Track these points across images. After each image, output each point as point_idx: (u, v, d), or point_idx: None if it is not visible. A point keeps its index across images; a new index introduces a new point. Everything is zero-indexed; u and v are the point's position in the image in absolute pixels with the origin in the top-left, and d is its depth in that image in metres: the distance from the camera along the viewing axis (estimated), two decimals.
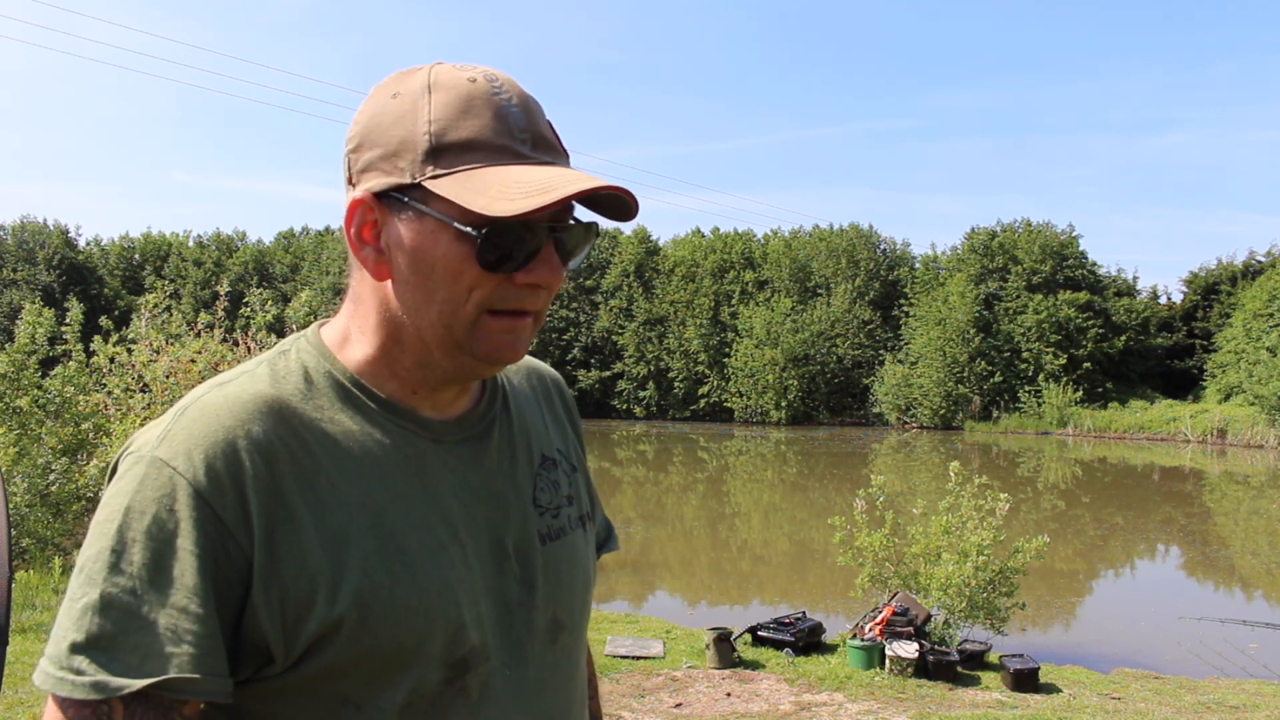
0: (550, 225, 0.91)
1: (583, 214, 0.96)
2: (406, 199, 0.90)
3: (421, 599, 0.90)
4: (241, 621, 0.86)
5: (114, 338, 9.55)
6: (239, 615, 0.85)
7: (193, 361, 9.06)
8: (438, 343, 0.92)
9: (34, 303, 9.81)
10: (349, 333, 0.98)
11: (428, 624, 0.90)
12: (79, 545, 9.22)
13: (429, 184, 0.88)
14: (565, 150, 0.95)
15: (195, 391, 0.93)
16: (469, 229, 0.88)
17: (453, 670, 0.92)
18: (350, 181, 0.94)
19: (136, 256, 50.43)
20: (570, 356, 43.01)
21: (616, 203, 0.93)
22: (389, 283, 0.93)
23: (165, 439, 0.87)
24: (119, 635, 0.82)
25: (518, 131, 0.90)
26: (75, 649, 0.82)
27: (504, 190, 0.86)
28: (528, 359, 1.17)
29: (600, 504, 1.23)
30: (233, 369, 0.97)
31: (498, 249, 0.88)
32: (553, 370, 1.21)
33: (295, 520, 0.87)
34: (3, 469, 8.30)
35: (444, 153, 0.88)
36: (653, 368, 41.94)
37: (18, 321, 9.33)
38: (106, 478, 0.91)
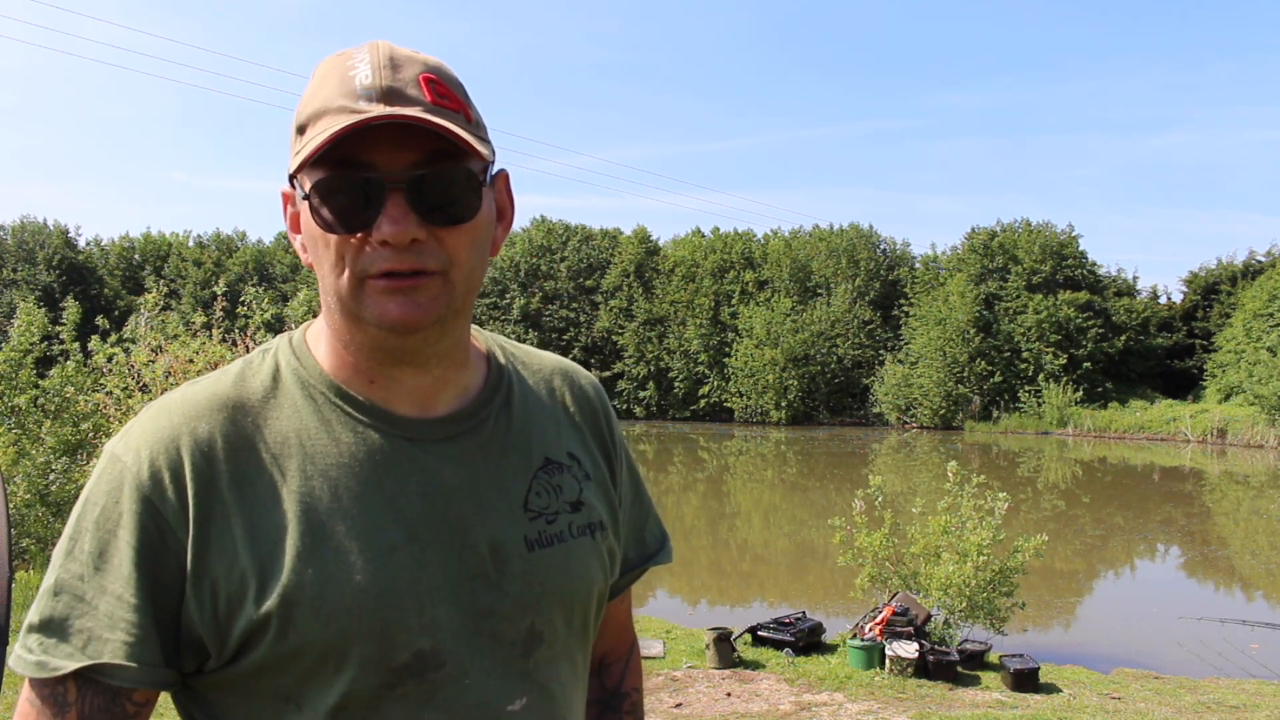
0: (407, 178, 0.87)
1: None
2: (294, 184, 0.92)
3: (355, 600, 0.87)
4: (181, 615, 0.87)
5: (112, 338, 9.54)
6: (179, 608, 0.87)
7: (191, 361, 9.05)
8: (343, 316, 0.93)
9: (26, 301, 9.82)
10: (320, 328, 0.99)
11: (360, 626, 0.87)
12: None
13: (292, 163, 0.91)
14: (441, 101, 0.89)
15: (169, 392, 0.95)
16: (302, 192, 0.90)
17: (394, 675, 0.89)
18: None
19: (136, 257, 50.42)
20: (570, 356, 42.81)
21: (444, 142, 0.88)
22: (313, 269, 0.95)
23: (124, 434, 0.91)
24: (68, 619, 0.86)
25: (360, 91, 0.87)
26: (30, 629, 0.87)
27: (305, 150, 0.87)
28: (566, 363, 1.14)
29: (655, 514, 1.20)
30: (216, 370, 0.98)
31: (327, 210, 0.88)
32: (590, 376, 1.16)
33: (229, 518, 0.87)
34: (3, 469, 8.31)
35: (302, 131, 0.90)
36: (653, 368, 41.95)
37: (12, 321, 9.33)
38: None
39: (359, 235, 0.88)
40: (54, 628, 0.86)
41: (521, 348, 1.12)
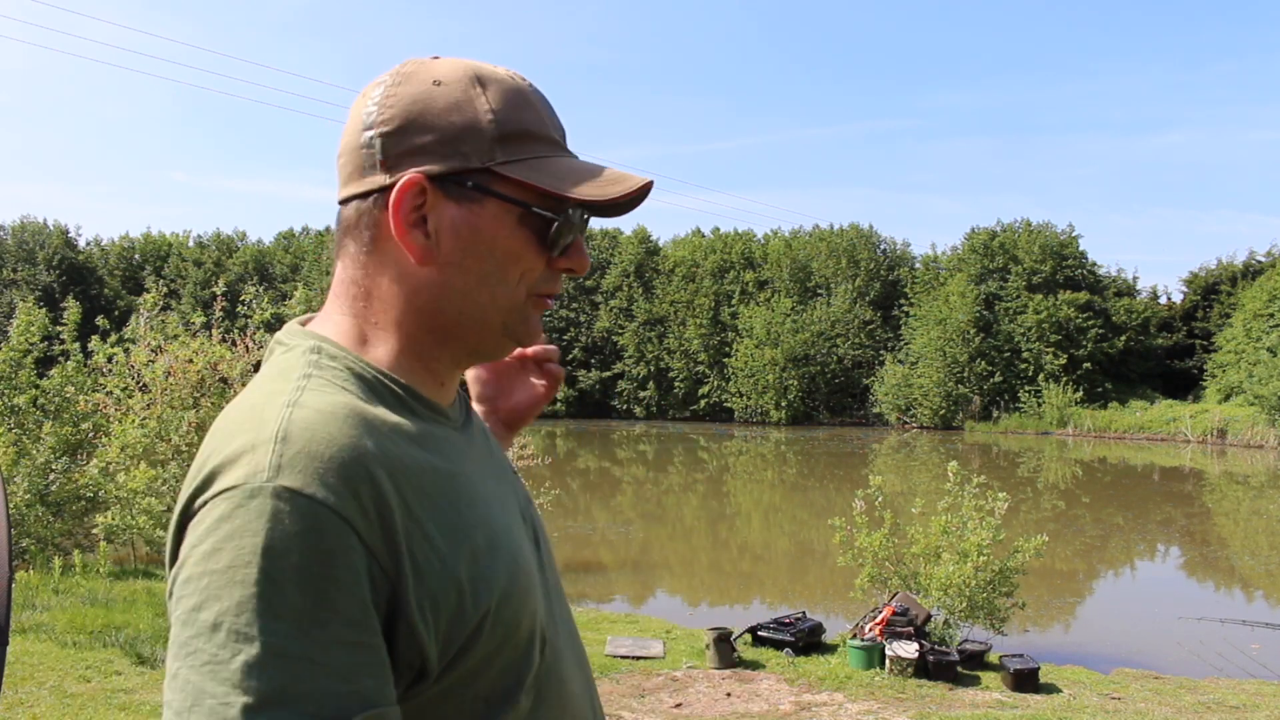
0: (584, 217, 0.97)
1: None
2: (470, 183, 0.91)
3: (524, 579, 0.92)
4: (394, 644, 0.81)
5: (112, 338, 9.54)
6: (388, 638, 0.81)
7: (190, 361, 9.05)
8: (484, 327, 0.95)
9: (25, 301, 9.82)
10: (363, 333, 0.94)
11: (530, 602, 0.92)
12: (79, 545, 9.24)
13: (500, 169, 0.91)
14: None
15: (268, 412, 0.83)
16: (547, 212, 0.93)
17: (543, 643, 0.94)
18: (382, 166, 0.91)
19: (136, 257, 50.45)
20: (570, 356, 42.99)
21: (629, 203, 1.00)
22: (430, 269, 0.91)
23: (284, 466, 0.78)
24: (292, 685, 0.73)
25: (556, 127, 0.97)
26: (249, 712, 0.72)
27: (574, 178, 0.93)
28: None
29: None
30: (273, 383, 0.89)
31: (558, 233, 0.94)
32: None
33: (423, 528, 0.84)
34: (3, 469, 8.30)
35: (508, 141, 0.92)
36: (653, 368, 41.94)
37: (12, 320, 9.34)
38: (175, 525, 0.82)
39: (547, 258, 0.95)
40: (283, 699, 0.73)
41: None
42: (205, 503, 0.79)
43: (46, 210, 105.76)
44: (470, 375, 1.25)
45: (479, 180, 0.91)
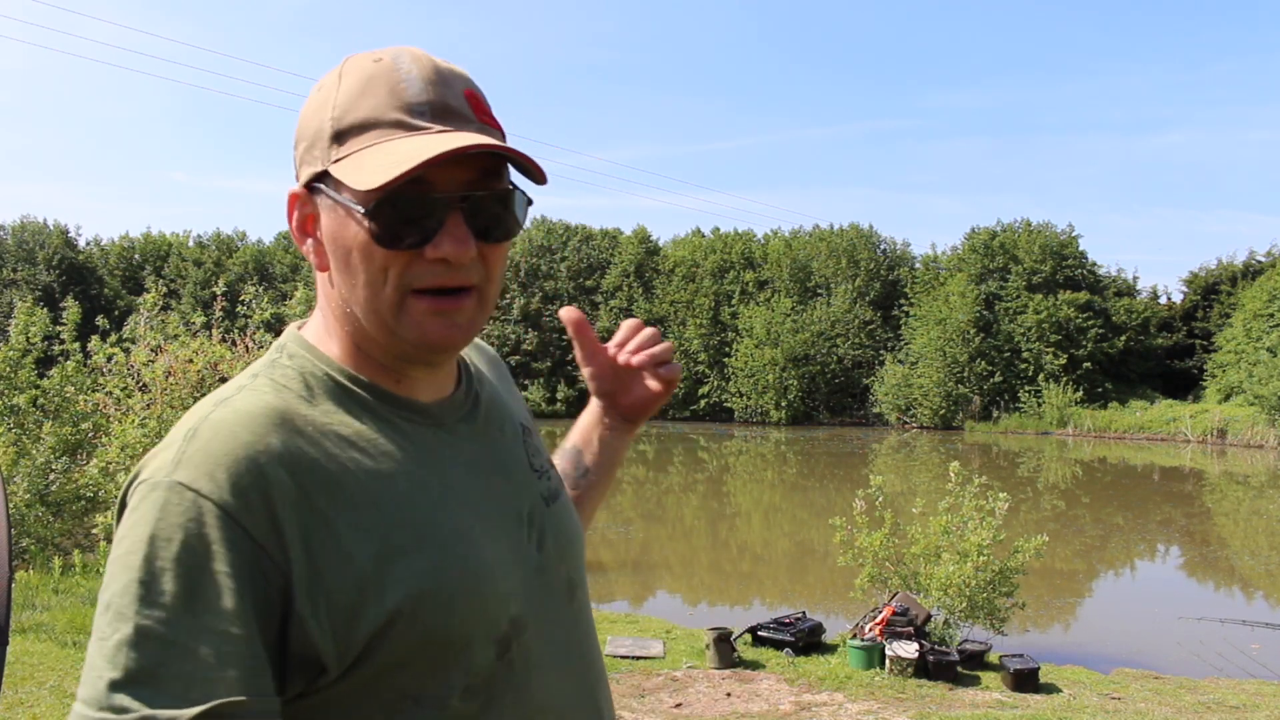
0: (463, 195, 0.89)
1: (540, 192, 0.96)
2: (323, 187, 0.91)
3: (466, 582, 0.90)
4: (287, 637, 0.83)
5: (112, 338, 9.54)
6: (282, 632, 0.83)
7: (190, 361, 9.04)
8: (375, 328, 0.93)
9: (25, 301, 9.81)
10: (325, 330, 0.98)
11: (472, 605, 0.91)
12: (79, 545, 9.24)
13: (332, 169, 0.89)
14: (484, 119, 0.93)
15: (197, 411, 0.89)
16: (358, 208, 0.88)
17: (500, 646, 0.93)
18: (297, 178, 0.96)
19: (136, 257, 50.41)
20: (570, 357, 42.98)
21: (523, 167, 0.93)
22: (328, 274, 0.94)
23: (182, 463, 0.84)
24: (160, 666, 0.78)
25: (415, 105, 0.89)
26: (115, 687, 0.77)
27: (379, 164, 0.87)
28: None
29: None
30: (227, 384, 0.94)
31: (387, 225, 0.88)
32: (489, 346, 1.25)
33: (330, 526, 0.86)
34: (3, 469, 8.30)
35: (345, 136, 0.89)
36: None
37: (11, 320, 9.33)
38: (115, 513, 0.88)
39: (410, 251, 0.89)
40: (146, 678, 0.77)
41: None
42: (127, 494, 0.86)
43: (46, 210, 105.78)
44: (586, 373, 1.29)
45: (325, 184, 0.91)
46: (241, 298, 10.15)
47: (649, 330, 1.29)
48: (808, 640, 7.32)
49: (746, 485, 22.55)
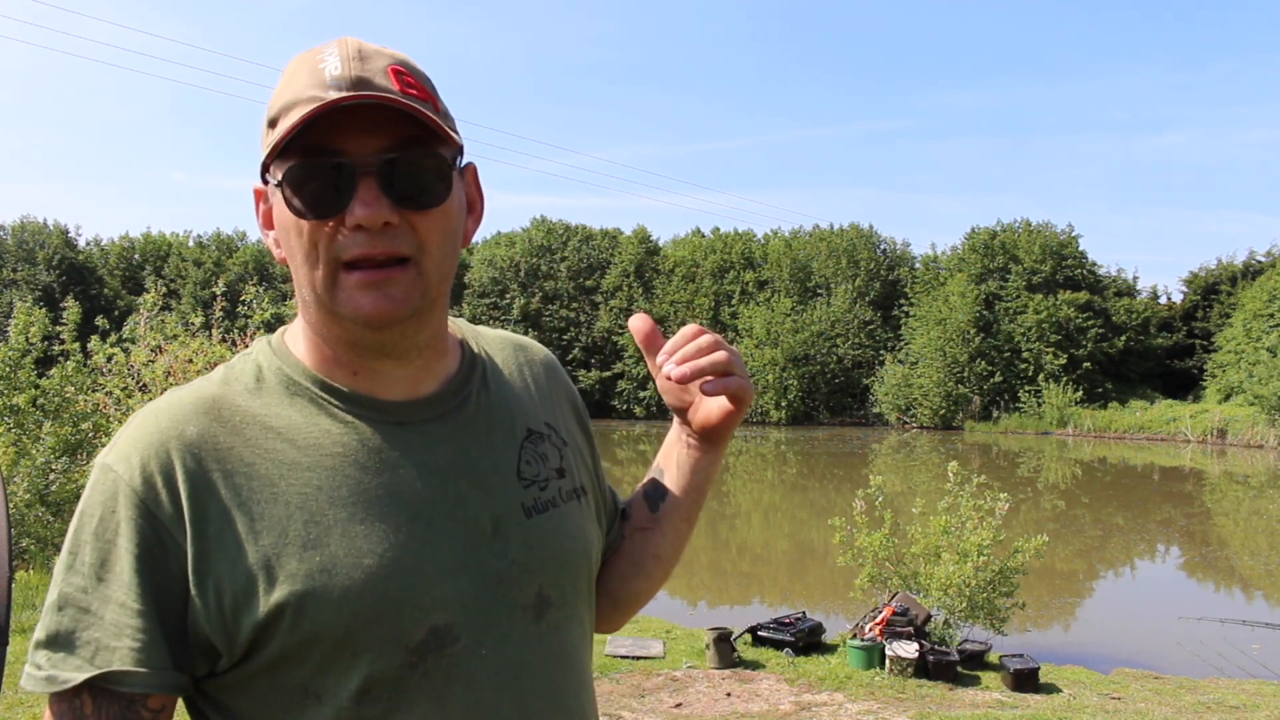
0: (376, 161, 0.88)
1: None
2: (269, 176, 0.93)
3: (366, 583, 0.89)
4: (187, 618, 0.88)
5: (112, 338, 9.54)
6: (184, 612, 0.87)
7: (190, 361, 9.04)
8: (319, 310, 0.93)
9: (25, 301, 9.81)
10: (297, 327, 1.00)
11: (374, 608, 0.89)
12: None
13: (264, 156, 0.92)
14: (410, 91, 0.90)
15: (153, 400, 0.96)
16: (274, 182, 0.91)
17: (413, 654, 0.90)
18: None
19: (136, 256, 50.39)
20: (570, 356, 43.01)
21: (419, 126, 0.90)
22: (286, 265, 0.95)
23: (113, 445, 0.91)
24: (74, 632, 0.86)
25: (330, 81, 0.88)
26: (38, 645, 0.88)
27: (280, 135, 0.88)
28: (518, 337, 1.18)
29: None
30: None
31: (301, 195, 0.89)
32: (543, 348, 1.21)
33: (227, 515, 0.88)
34: (3, 469, 8.30)
35: (275, 122, 0.91)
36: None
37: (11, 320, 9.33)
38: None
39: (332, 222, 0.89)
40: (60, 642, 0.87)
41: (478, 327, 1.15)
42: None
43: (46, 210, 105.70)
44: (662, 388, 1.15)
45: (268, 173, 0.93)
46: (241, 298, 10.14)
47: (706, 338, 1.07)
48: (808, 640, 7.32)
49: (746, 485, 22.55)
